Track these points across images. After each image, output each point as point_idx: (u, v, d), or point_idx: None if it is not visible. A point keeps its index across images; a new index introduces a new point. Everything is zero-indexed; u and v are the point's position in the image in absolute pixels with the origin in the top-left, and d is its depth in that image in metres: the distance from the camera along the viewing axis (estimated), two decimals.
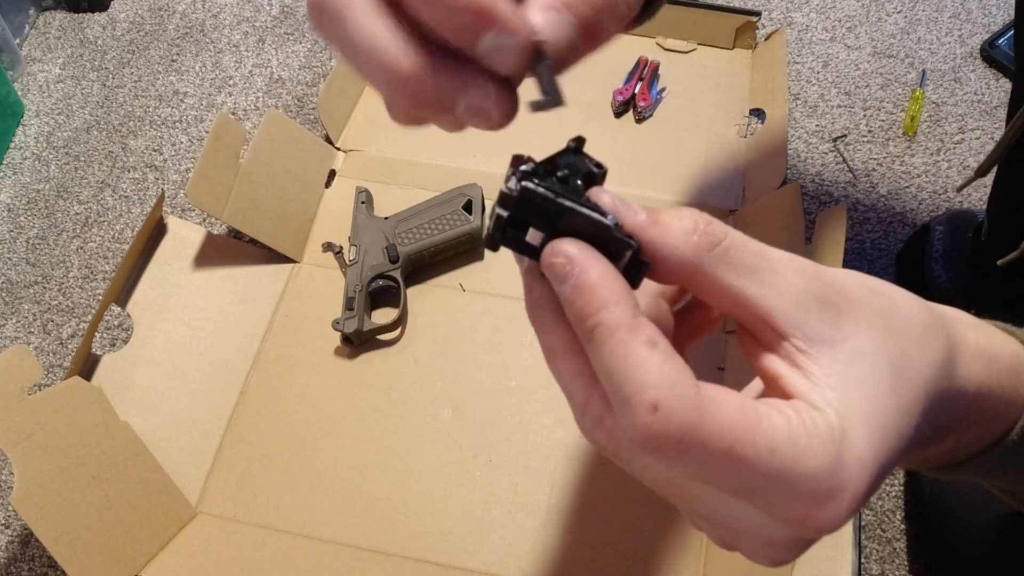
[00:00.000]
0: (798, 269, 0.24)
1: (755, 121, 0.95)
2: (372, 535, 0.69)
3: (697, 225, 0.23)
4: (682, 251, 0.23)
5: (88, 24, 1.12)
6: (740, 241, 0.23)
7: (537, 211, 0.23)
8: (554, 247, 0.23)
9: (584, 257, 0.22)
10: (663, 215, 0.24)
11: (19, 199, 0.95)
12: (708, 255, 0.23)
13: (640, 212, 0.24)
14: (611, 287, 0.22)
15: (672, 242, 0.23)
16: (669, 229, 0.23)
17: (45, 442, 0.61)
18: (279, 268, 0.84)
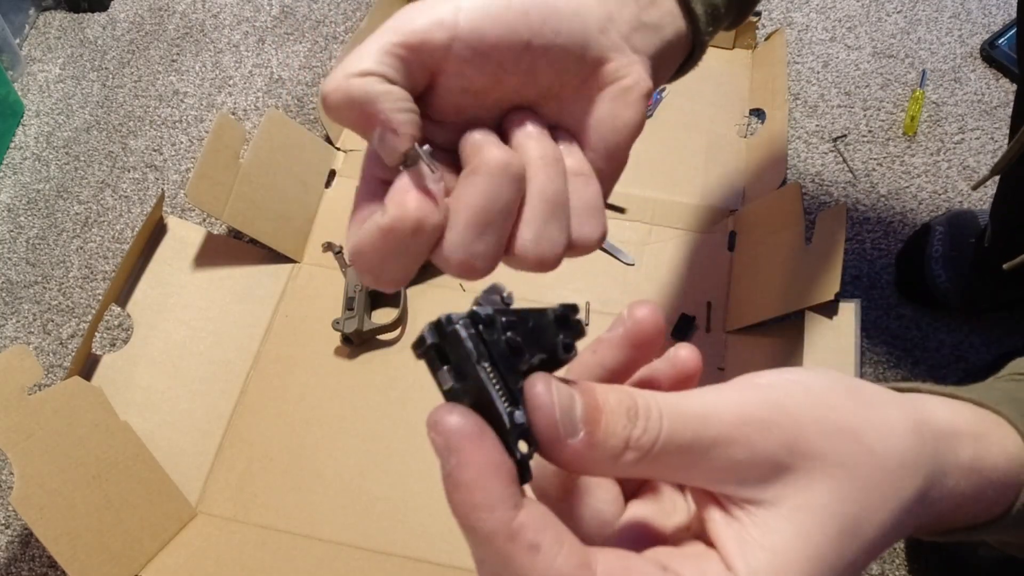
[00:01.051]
0: (744, 437, 0.21)
1: (755, 121, 0.95)
2: (372, 535, 0.69)
3: (628, 443, 0.21)
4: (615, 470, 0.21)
5: (88, 24, 1.12)
6: (674, 438, 0.21)
7: (457, 358, 0.20)
8: (435, 419, 0.20)
9: (465, 445, 0.19)
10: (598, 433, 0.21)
11: (19, 199, 0.95)
12: (641, 465, 0.21)
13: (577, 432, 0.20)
14: (488, 489, 0.19)
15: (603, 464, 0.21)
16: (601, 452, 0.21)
17: (45, 442, 0.61)
18: (279, 268, 0.84)
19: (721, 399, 0.22)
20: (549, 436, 0.20)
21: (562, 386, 0.21)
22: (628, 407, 0.21)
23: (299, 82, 1.04)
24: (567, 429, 0.20)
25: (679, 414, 0.21)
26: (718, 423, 0.21)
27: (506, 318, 0.21)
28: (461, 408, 0.20)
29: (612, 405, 0.21)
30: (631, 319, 0.25)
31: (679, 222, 0.87)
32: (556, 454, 0.20)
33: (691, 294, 0.82)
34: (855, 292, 0.85)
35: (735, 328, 0.78)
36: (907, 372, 0.80)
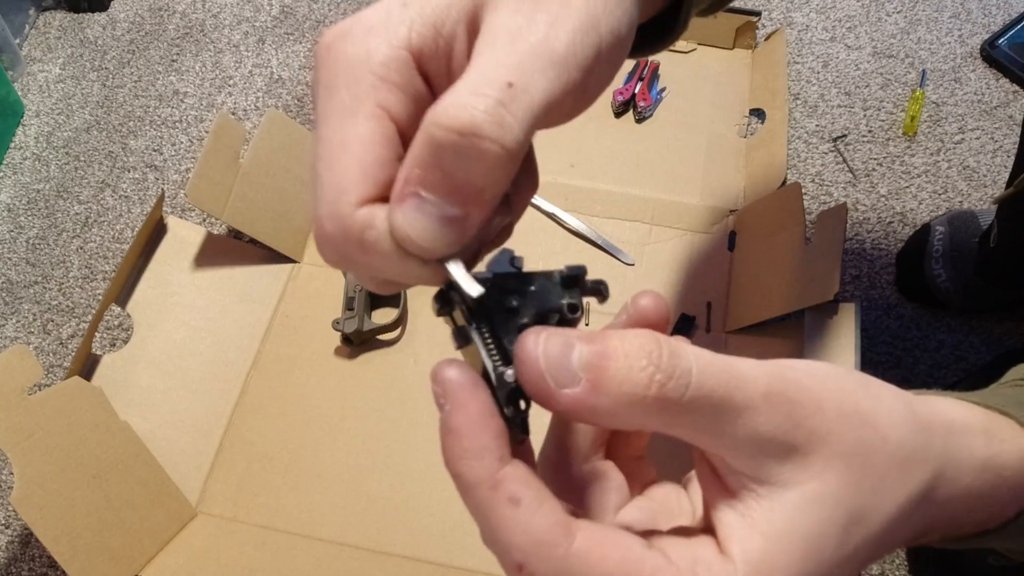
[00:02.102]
0: (770, 409, 0.21)
1: (755, 121, 0.95)
2: (372, 535, 0.69)
3: (649, 389, 0.19)
4: (631, 421, 0.20)
5: (88, 24, 1.12)
6: (705, 392, 0.20)
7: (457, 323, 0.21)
8: (436, 371, 0.21)
9: (458, 393, 0.20)
10: (606, 378, 0.19)
11: (19, 199, 0.95)
12: (662, 416, 0.20)
13: (575, 382, 0.20)
14: (476, 437, 0.20)
15: (616, 413, 0.20)
16: (611, 399, 0.19)
17: (45, 442, 0.61)
18: (279, 268, 0.84)
19: (752, 368, 0.21)
20: (537, 388, 0.20)
21: (556, 335, 0.20)
22: (650, 351, 0.20)
23: (299, 82, 1.04)
24: (560, 379, 0.20)
25: (712, 367, 0.20)
26: (751, 389, 0.20)
27: (509, 282, 0.22)
28: (460, 362, 0.21)
29: (627, 349, 0.20)
30: (634, 306, 0.25)
31: (679, 222, 0.87)
32: (553, 406, 0.20)
33: (691, 294, 0.82)
34: (855, 292, 0.85)
35: (735, 328, 0.78)
36: (907, 372, 0.80)
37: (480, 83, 0.20)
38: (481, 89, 0.20)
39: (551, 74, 0.21)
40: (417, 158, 0.20)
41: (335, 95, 0.21)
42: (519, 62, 0.21)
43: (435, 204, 0.21)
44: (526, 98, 0.21)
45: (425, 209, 0.21)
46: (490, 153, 0.20)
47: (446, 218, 0.21)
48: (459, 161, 0.20)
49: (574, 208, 0.87)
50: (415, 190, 0.21)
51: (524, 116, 0.21)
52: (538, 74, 0.21)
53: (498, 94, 0.20)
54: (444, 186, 0.20)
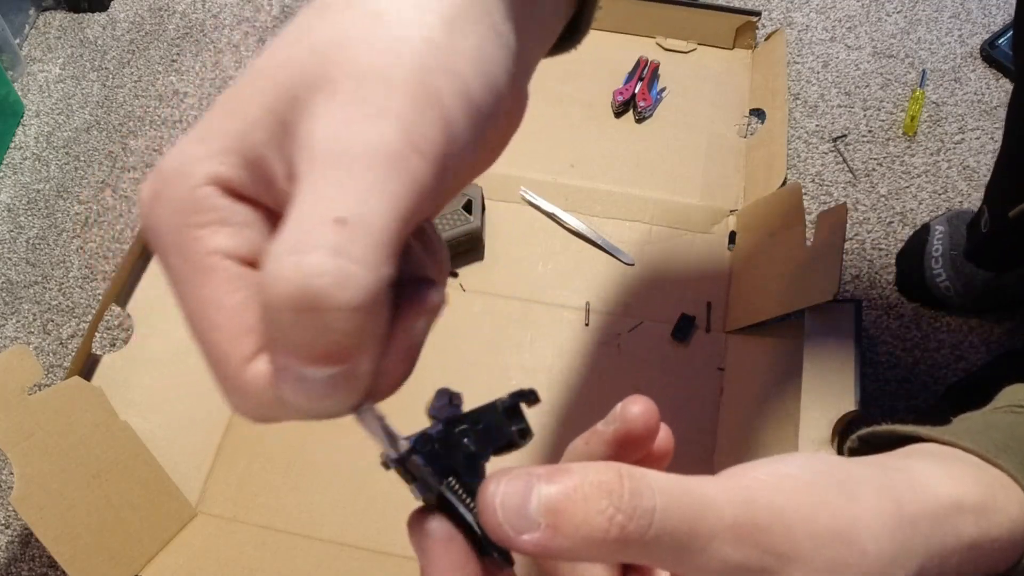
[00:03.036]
0: (738, 538, 0.20)
1: (755, 121, 0.95)
2: (372, 535, 0.69)
3: (609, 531, 0.19)
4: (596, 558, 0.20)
5: (88, 24, 1.12)
6: (668, 528, 0.20)
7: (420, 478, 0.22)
8: (411, 523, 0.22)
9: (431, 549, 0.21)
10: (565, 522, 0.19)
11: (19, 199, 0.95)
12: (626, 553, 0.20)
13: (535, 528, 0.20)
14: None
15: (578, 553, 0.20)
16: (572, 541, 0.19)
17: (45, 442, 0.61)
18: None
19: (720, 493, 0.21)
20: (497, 536, 0.20)
21: (515, 480, 0.20)
22: (611, 490, 0.20)
23: None
24: (518, 526, 0.20)
25: (676, 501, 0.20)
26: (716, 520, 0.20)
27: (458, 427, 0.22)
28: (432, 515, 0.22)
29: (587, 491, 0.20)
30: (623, 417, 0.24)
31: (679, 222, 0.87)
32: (515, 550, 0.20)
33: (691, 294, 0.82)
34: (855, 292, 0.85)
35: (735, 328, 0.78)
36: (907, 372, 0.80)
37: (303, 233, 0.17)
38: (305, 242, 0.16)
39: (392, 186, 0.17)
40: (268, 333, 0.18)
41: (169, 261, 0.19)
42: (345, 187, 0.17)
43: (310, 373, 0.18)
44: (365, 232, 0.17)
45: (304, 380, 0.18)
46: (340, 317, 0.17)
47: (330, 381, 0.18)
48: (311, 332, 0.17)
49: (574, 208, 0.87)
50: (283, 365, 0.18)
51: (370, 254, 0.17)
52: (374, 193, 0.17)
53: (327, 242, 0.16)
54: (309, 356, 0.17)
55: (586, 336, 0.79)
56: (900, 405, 0.79)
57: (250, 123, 0.19)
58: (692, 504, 0.20)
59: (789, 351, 0.71)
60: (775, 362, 0.73)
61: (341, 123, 0.18)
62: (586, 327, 0.80)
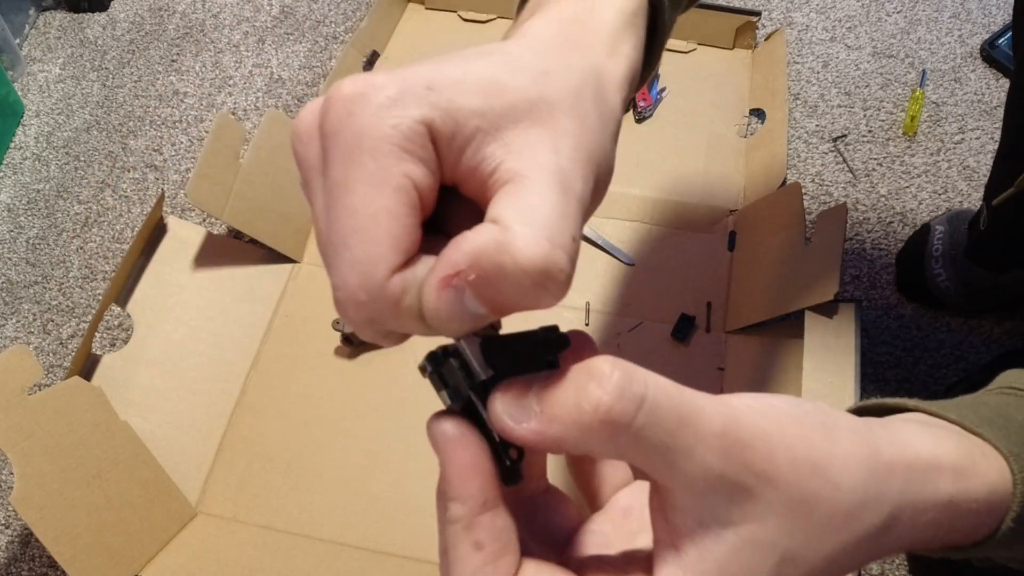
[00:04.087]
0: (723, 448, 0.21)
1: (755, 121, 0.95)
2: (372, 535, 0.69)
3: (596, 414, 0.20)
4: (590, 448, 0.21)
5: (88, 24, 1.12)
6: (658, 419, 0.20)
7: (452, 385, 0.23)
8: (430, 425, 0.23)
9: (448, 447, 0.22)
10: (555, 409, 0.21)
11: (19, 199, 0.95)
12: (615, 442, 0.21)
13: (531, 416, 0.21)
14: (462, 485, 0.22)
15: (572, 440, 0.21)
16: (564, 427, 0.21)
17: (45, 442, 0.61)
18: (279, 268, 0.84)
19: (709, 404, 0.22)
20: (499, 427, 0.22)
21: (516, 381, 0.22)
22: (600, 374, 0.20)
23: (299, 82, 1.04)
24: (516, 415, 0.21)
25: (668, 398, 0.21)
26: (705, 426, 0.21)
27: (494, 345, 0.23)
28: (452, 417, 0.23)
29: (577, 376, 0.21)
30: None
31: (679, 222, 0.87)
32: (517, 441, 0.22)
33: (691, 294, 0.82)
34: (855, 292, 0.85)
35: (735, 328, 0.78)
36: (907, 372, 0.80)
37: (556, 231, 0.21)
38: (556, 238, 0.21)
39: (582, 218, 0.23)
40: (475, 265, 0.21)
41: (360, 164, 0.21)
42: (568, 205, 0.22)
43: (473, 303, 0.21)
44: (575, 248, 0.22)
45: (463, 304, 0.21)
46: (542, 297, 0.21)
47: (477, 315, 0.22)
48: (516, 291, 0.21)
49: None
50: (460, 285, 0.21)
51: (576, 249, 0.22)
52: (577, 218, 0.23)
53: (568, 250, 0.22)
54: (491, 300, 0.21)
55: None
56: None
57: (473, 108, 0.22)
58: (682, 404, 0.21)
59: (789, 351, 0.71)
60: (775, 362, 0.73)
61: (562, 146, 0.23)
62: (586, 327, 0.80)
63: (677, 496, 0.22)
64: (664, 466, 0.21)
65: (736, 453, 0.21)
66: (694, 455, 0.21)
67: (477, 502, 0.22)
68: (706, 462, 0.21)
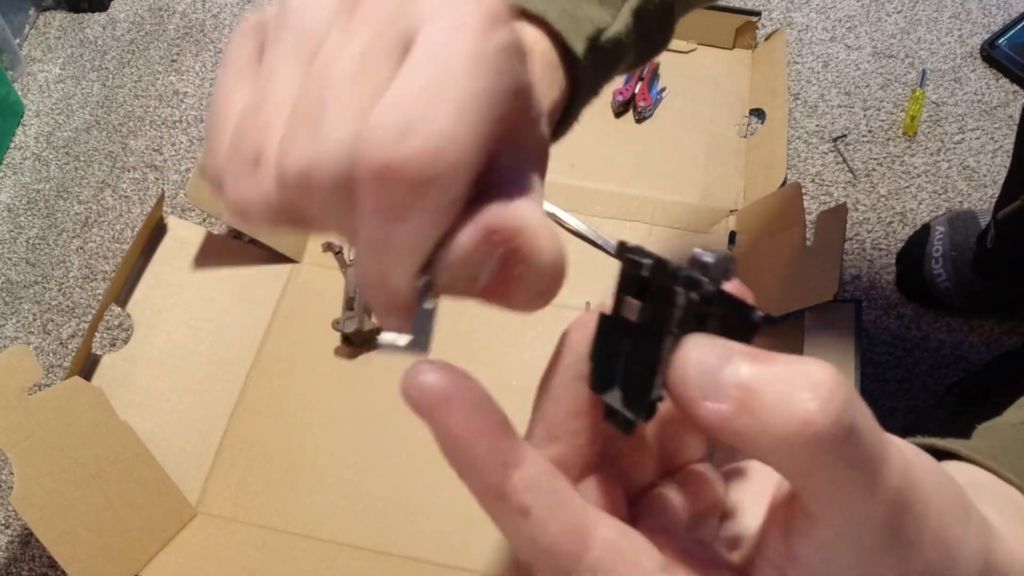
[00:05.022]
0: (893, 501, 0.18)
1: (755, 121, 0.95)
2: (372, 535, 0.69)
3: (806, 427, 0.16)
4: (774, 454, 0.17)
5: (88, 24, 1.12)
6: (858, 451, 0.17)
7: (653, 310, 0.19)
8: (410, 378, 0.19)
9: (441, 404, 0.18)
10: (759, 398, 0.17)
11: (19, 199, 0.95)
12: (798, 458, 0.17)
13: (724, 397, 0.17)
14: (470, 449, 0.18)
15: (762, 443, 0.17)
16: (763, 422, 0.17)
17: (45, 442, 0.61)
18: (279, 268, 0.84)
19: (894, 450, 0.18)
20: (678, 393, 0.18)
21: (717, 343, 0.18)
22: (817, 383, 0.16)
23: None
24: (705, 389, 0.17)
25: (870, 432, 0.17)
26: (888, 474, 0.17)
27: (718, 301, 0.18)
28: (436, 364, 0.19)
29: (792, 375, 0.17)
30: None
31: (679, 222, 0.87)
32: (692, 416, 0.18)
33: None
34: (855, 292, 0.85)
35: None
36: (907, 372, 0.80)
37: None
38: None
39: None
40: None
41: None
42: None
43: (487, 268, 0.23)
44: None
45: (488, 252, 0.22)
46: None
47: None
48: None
49: (574, 208, 0.87)
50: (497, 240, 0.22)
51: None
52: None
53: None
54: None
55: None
56: (900, 405, 0.79)
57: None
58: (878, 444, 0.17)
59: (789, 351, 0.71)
60: None
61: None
62: None
63: (821, 532, 0.18)
64: (831, 500, 0.18)
65: (901, 511, 0.18)
66: (868, 501, 0.17)
67: (499, 464, 0.18)
68: (873, 511, 0.18)
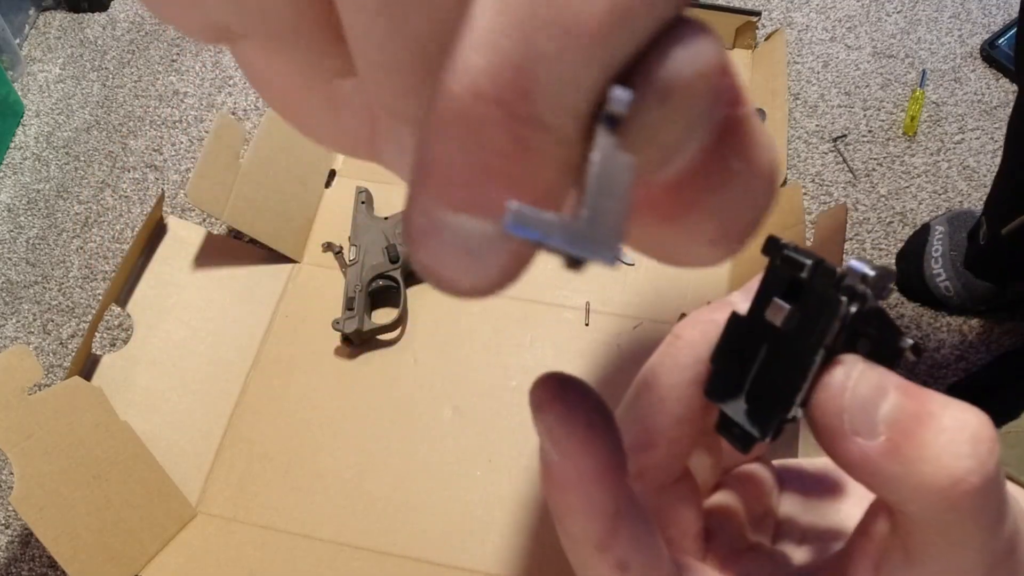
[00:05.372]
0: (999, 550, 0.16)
1: None
2: (372, 535, 0.69)
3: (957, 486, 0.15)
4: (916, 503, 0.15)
5: (88, 24, 1.12)
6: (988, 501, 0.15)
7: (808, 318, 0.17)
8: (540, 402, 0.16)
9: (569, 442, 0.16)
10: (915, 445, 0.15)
11: (19, 199, 0.95)
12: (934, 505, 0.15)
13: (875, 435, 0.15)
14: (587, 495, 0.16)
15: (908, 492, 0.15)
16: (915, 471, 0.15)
17: (45, 442, 0.61)
18: (279, 268, 0.84)
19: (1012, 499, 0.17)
20: (826, 424, 0.16)
21: (873, 373, 0.16)
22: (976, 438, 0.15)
23: None
24: (856, 423, 0.16)
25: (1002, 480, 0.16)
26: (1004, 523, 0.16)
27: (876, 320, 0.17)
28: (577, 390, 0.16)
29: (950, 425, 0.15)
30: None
31: None
32: (836, 449, 0.16)
33: (691, 294, 0.82)
34: None
35: None
36: (907, 372, 0.80)
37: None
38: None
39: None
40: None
41: None
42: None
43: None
44: None
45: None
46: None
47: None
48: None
49: None
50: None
51: None
52: None
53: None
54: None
55: (586, 336, 0.79)
56: None
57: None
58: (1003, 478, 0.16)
59: None
60: None
61: None
62: (586, 327, 0.80)
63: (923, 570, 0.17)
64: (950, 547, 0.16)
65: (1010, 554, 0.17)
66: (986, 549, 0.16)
67: (608, 515, 0.16)
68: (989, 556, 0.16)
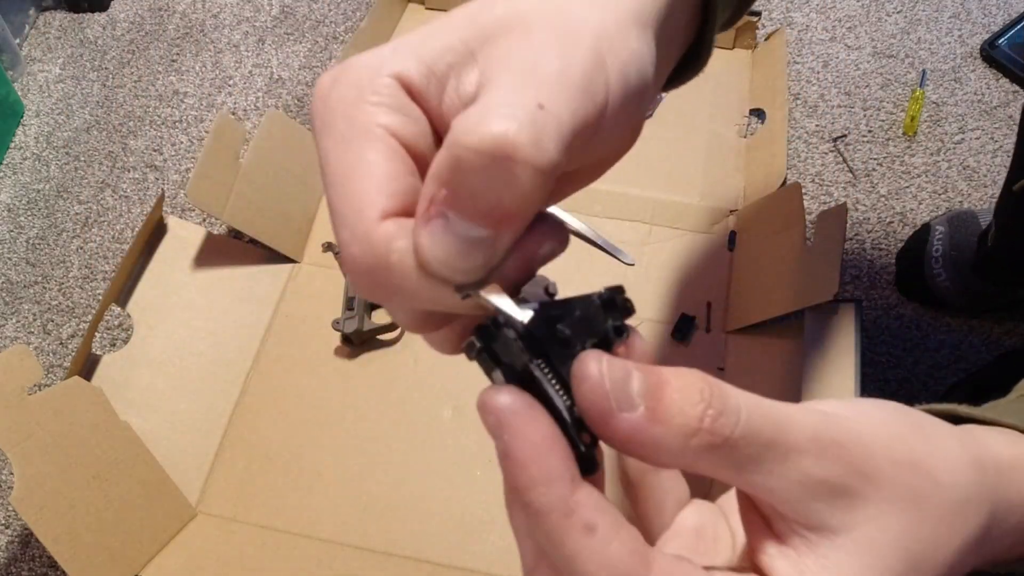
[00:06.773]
0: (819, 451, 0.20)
1: (755, 121, 0.95)
2: (372, 535, 0.69)
3: (702, 422, 0.19)
4: (680, 457, 0.20)
5: (88, 24, 1.12)
6: (753, 431, 0.20)
7: (508, 359, 0.20)
8: (485, 400, 0.20)
9: (515, 420, 0.19)
10: (663, 407, 0.19)
11: (19, 199, 0.95)
12: (711, 455, 0.20)
13: (635, 405, 0.19)
14: (543, 463, 0.19)
15: (668, 445, 0.19)
16: (667, 429, 0.19)
17: (45, 442, 0.61)
18: (279, 268, 0.84)
19: (798, 411, 0.21)
20: (599, 410, 0.19)
21: (616, 360, 0.20)
22: (700, 388, 0.19)
23: (299, 82, 1.04)
24: (620, 402, 0.19)
25: (759, 408, 0.20)
26: (798, 431, 0.20)
27: (553, 311, 0.21)
28: (510, 388, 0.20)
29: (681, 383, 0.20)
30: None
31: (679, 222, 0.87)
32: (611, 432, 0.19)
33: (691, 294, 0.82)
34: (855, 292, 0.85)
35: (735, 328, 0.78)
36: (907, 372, 0.80)
37: (508, 102, 0.19)
38: (511, 108, 0.19)
39: (576, 101, 0.20)
40: (441, 177, 0.19)
41: (333, 129, 0.21)
42: (543, 87, 0.20)
43: (462, 226, 0.19)
44: (556, 120, 0.19)
45: (451, 230, 0.19)
46: (524, 176, 0.19)
47: (473, 240, 0.19)
48: (489, 183, 0.19)
49: (574, 208, 0.87)
50: (440, 211, 0.19)
51: (558, 137, 0.19)
52: (563, 99, 0.20)
53: (530, 114, 0.19)
54: (472, 208, 0.19)
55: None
56: None
57: (441, 46, 0.21)
58: (775, 413, 0.20)
59: (789, 351, 0.71)
60: (775, 362, 0.73)
61: (536, 51, 0.20)
62: None
63: (779, 507, 0.21)
64: (762, 477, 0.20)
65: (832, 454, 0.20)
66: (789, 462, 0.20)
67: (567, 480, 0.19)
68: (804, 467, 0.20)
